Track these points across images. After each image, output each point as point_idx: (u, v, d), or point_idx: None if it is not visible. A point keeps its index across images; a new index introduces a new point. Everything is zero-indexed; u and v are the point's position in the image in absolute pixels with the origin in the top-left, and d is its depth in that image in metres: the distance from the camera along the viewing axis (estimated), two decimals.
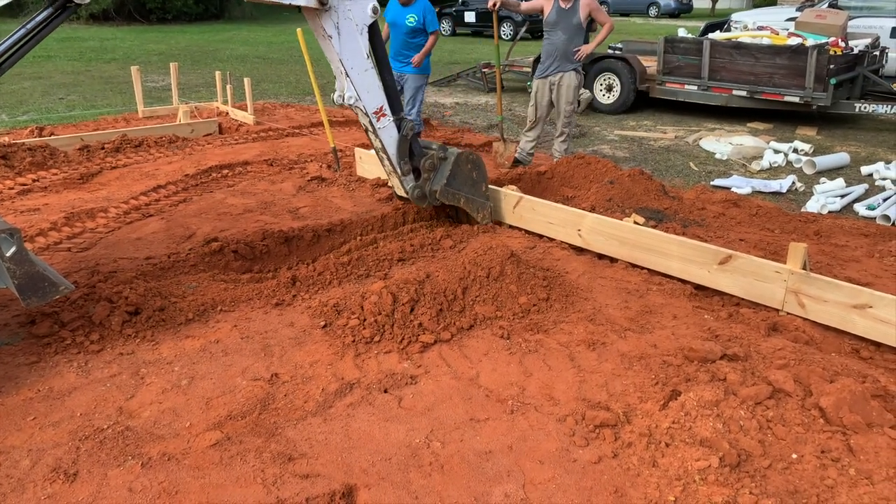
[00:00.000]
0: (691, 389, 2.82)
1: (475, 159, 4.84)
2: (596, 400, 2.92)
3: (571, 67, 6.43)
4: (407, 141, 4.51)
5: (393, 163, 4.49)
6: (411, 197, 4.63)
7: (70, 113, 9.84)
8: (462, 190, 4.76)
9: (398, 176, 4.55)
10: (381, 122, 4.31)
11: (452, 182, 4.70)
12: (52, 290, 2.99)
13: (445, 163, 4.69)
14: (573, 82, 6.45)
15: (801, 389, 2.88)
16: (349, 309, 3.53)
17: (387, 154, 4.45)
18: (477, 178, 4.86)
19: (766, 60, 9.18)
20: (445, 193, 4.68)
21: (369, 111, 4.23)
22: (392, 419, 2.74)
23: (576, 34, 6.36)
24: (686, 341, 3.33)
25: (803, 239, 5.11)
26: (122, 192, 5.54)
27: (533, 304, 3.71)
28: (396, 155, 4.47)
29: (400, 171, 4.52)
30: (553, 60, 6.51)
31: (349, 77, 4.08)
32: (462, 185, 4.77)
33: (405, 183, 4.59)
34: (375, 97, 4.24)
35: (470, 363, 3.19)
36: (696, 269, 4.16)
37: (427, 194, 4.66)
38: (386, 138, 4.39)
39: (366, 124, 4.34)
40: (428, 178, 4.63)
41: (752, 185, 6.67)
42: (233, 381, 2.98)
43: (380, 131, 4.33)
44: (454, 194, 4.74)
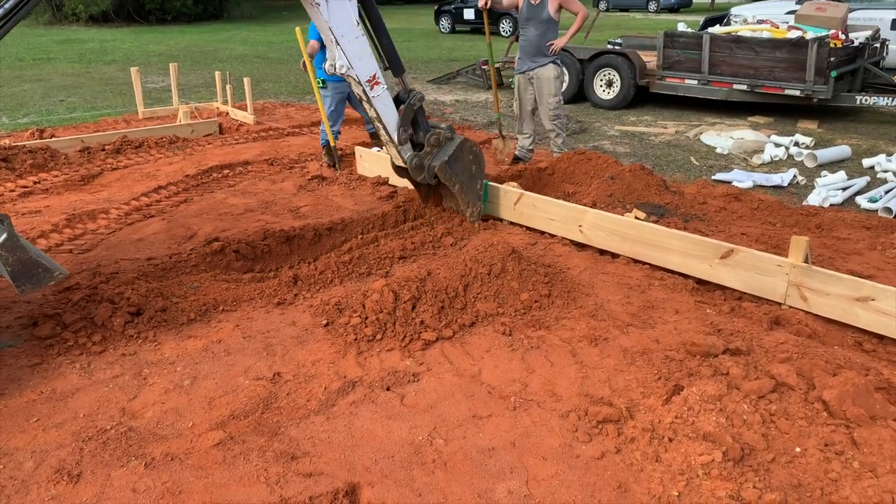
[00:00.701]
0: (694, 384, 2.82)
1: (478, 152, 4.82)
2: (598, 395, 2.92)
3: (548, 61, 6.41)
4: (412, 110, 4.47)
5: (389, 131, 4.41)
6: (409, 166, 4.56)
7: (71, 115, 9.85)
8: (459, 176, 4.71)
9: (395, 145, 4.48)
10: (374, 90, 4.23)
11: (453, 164, 4.64)
12: (46, 276, 2.98)
13: (451, 143, 4.66)
14: (551, 74, 6.44)
15: (804, 383, 2.87)
16: (351, 307, 3.53)
17: (382, 123, 4.37)
18: (475, 171, 4.83)
19: (766, 54, 9.15)
20: (444, 171, 4.60)
21: (362, 79, 4.16)
22: (395, 417, 2.74)
23: (548, 28, 6.34)
24: (688, 336, 3.33)
25: (805, 232, 5.10)
26: (123, 193, 5.54)
27: (535, 300, 3.71)
28: (394, 123, 4.39)
29: (397, 139, 4.45)
30: (528, 55, 6.50)
31: (339, 45, 4.02)
32: (461, 172, 4.71)
33: (403, 152, 4.52)
34: (368, 65, 4.17)
35: (472, 360, 3.19)
36: (697, 263, 4.15)
37: (426, 167, 4.59)
38: (380, 107, 4.31)
39: (359, 93, 4.27)
40: (430, 153, 4.58)
41: (754, 179, 6.66)
42: (235, 381, 2.98)
43: (374, 100, 4.26)
44: (452, 176, 4.67)
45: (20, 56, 16.82)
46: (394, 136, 4.44)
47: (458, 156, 4.67)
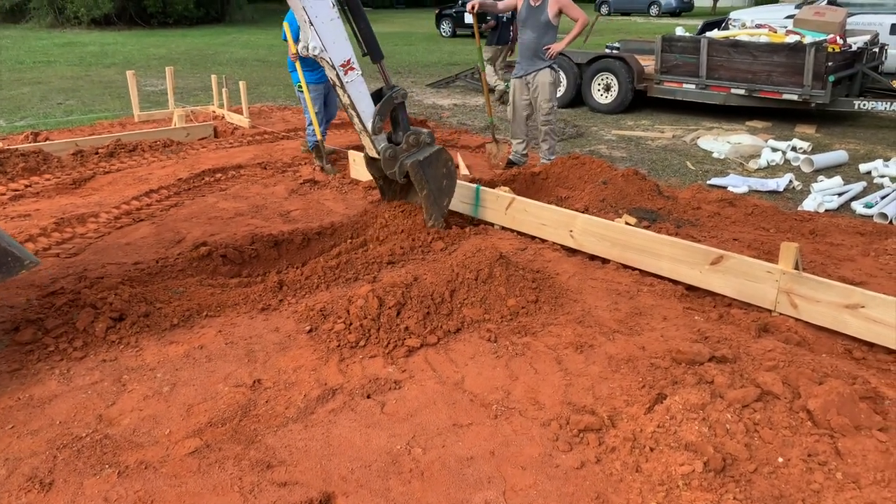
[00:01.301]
0: (677, 392, 2.78)
1: (452, 169, 4.77)
2: (581, 404, 2.88)
3: (545, 65, 6.38)
4: (392, 103, 4.42)
5: (363, 119, 4.31)
6: (382, 157, 4.47)
7: (68, 118, 9.84)
8: (430, 183, 4.60)
9: (368, 134, 4.39)
10: (348, 75, 4.15)
11: (426, 168, 4.56)
12: (16, 265, 2.95)
13: (429, 147, 4.62)
14: (547, 79, 6.40)
15: (790, 391, 2.84)
16: (335, 313, 3.50)
17: (356, 110, 4.28)
18: (445, 186, 4.74)
19: (764, 58, 9.12)
20: (416, 171, 4.49)
21: (336, 63, 4.08)
22: (374, 425, 2.71)
23: (545, 32, 6.31)
24: (675, 343, 3.29)
25: (798, 238, 5.07)
26: (115, 197, 5.52)
27: (521, 306, 3.68)
28: (369, 111, 4.31)
29: (371, 128, 4.36)
30: (525, 59, 6.48)
31: (313, 26, 3.96)
32: (432, 179, 4.61)
33: (376, 142, 4.42)
34: (342, 49, 4.09)
35: (455, 367, 3.15)
36: (687, 269, 4.12)
37: (399, 161, 4.50)
38: (354, 93, 4.22)
39: (332, 78, 4.18)
40: (406, 151, 4.51)
41: (749, 184, 6.62)
42: (215, 388, 2.96)
43: (348, 85, 4.17)
44: (423, 180, 4.55)
45: (20, 59, 16.85)
46: (367, 124, 4.34)
47: (433, 162, 4.61)
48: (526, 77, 6.59)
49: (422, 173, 4.53)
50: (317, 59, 4.06)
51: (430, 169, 4.58)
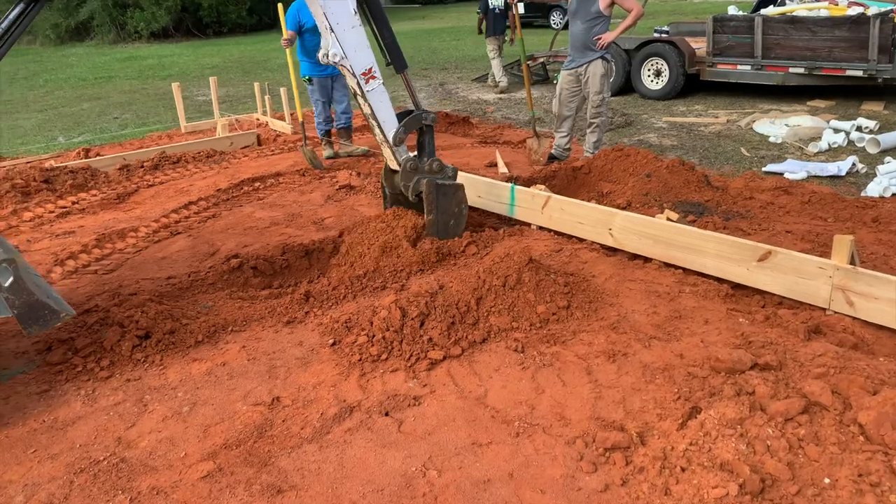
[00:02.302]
0: (713, 406, 2.58)
1: (464, 213, 4.55)
2: (611, 419, 2.72)
3: (596, 56, 6.15)
4: (420, 122, 4.32)
5: (384, 129, 4.19)
6: (402, 167, 4.33)
7: (122, 132, 10.12)
8: (438, 210, 4.40)
9: (389, 145, 4.26)
10: (370, 84, 4.05)
11: (441, 195, 4.39)
12: (52, 317, 3.00)
13: (450, 179, 4.46)
14: (599, 71, 6.17)
15: (840, 402, 2.60)
16: (359, 325, 3.42)
17: (377, 120, 4.16)
18: (451, 225, 4.50)
19: (824, 34, 8.63)
20: (430, 191, 4.31)
21: (357, 72, 3.98)
22: (390, 445, 2.61)
23: (596, 22, 6.06)
24: (715, 349, 3.08)
25: (860, 227, 4.73)
26: (155, 211, 5.60)
27: (552, 312, 3.52)
28: (391, 121, 4.19)
29: (392, 139, 4.24)
30: (575, 51, 6.26)
31: (334, 33, 3.87)
32: (441, 209, 4.41)
33: (397, 153, 4.31)
34: (364, 57, 3.99)
35: (479, 380, 3.03)
36: (733, 267, 3.88)
37: (418, 175, 4.34)
38: (375, 102, 4.11)
39: (353, 87, 4.09)
40: (429, 170, 4.37)
41: (808, 169, 6.25)
42: (233, 407, 2.91)
43: (368, 94, 4.06)
44: (434, 203, 4.36)
45: (83, 76, 17.49)
46: (389, 135, 4.22)
47: (448, 193, 4.42)
48: (577, 69, 6.37)
49: (435, 196, 4.36)
50: (337, 66, 3.99)
51: (443, 198, 4.41)
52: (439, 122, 8.69)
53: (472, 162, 6.78)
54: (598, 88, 6.29)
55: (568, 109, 6.55)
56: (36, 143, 9.60)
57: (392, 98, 4.39)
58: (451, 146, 7.63)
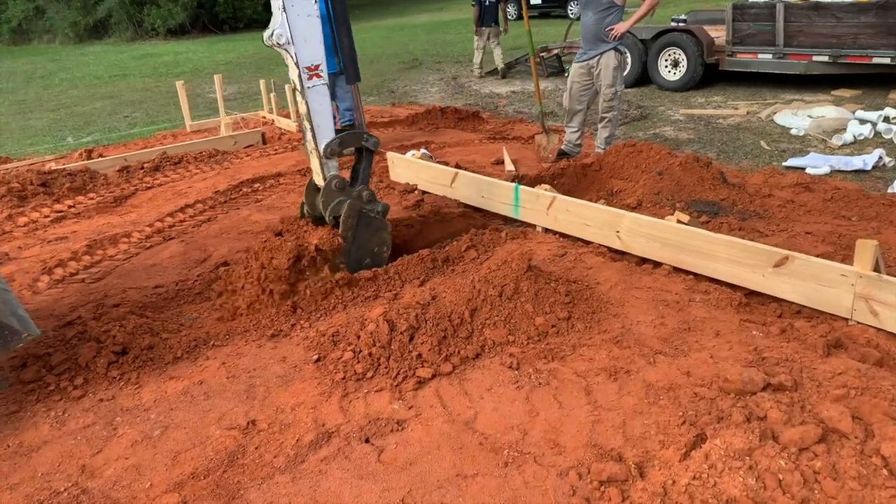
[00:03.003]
0: (720, 434, 2.36)
1: (382, 258, 4.07)
2: (609, 446, 2.50)
3: (609, 47, 5.89)
4: (359, 141, 3.98)
5: (316, 135, 3.80)
6: (328, 184, 3.86)
7: (131, 130, 10.03)
8: (356, 242, 3.95)
9: (319, 156, 3.85)
10: (312, 80, 3.72)
11: (362, 227, 3.95)
12: (14, 338, 2.85)
13: (379, 215, 4.02)
14: (611, 63, 5.91)
15: (861, 430, 2.36)
16: (346, 339, 3.23)
17: (311, 123, 3.77)
18: (371, 262, 4.01)
19: (849, 20, 8.28)
20: (350, 217, 3.87)
21: (301, 63, 3.65)
22: (367, 476, 2.42)
23: (608, 12, 5.81)
24: (725, 366, 2.84)
25: (886, 226, 4.44)
26: (151, 214, 5.45)
27: (551, 325, 3.30)
28: (327, 127, 3.82)
29: (323, 149, 3.83)
30: (587, 42, 6.01)
31: (285, 13, 3.55)
32: (359, 242, 3.96)
33: (326, 167, 3.88)
34: (313, 51, 3.68)
35: (469, 402, 2.82)
36: (747, 273, 3.63)
37: (344, 197, 3.89)
38: (314, 103, 3.75)
39: (294, 80, 3.73)
40: (357, 196, 3.93)
41: (831, 163, 5.95)
42: (206, 431, 2.74)
43: (308, 91, 3.71)
44: (349, 230, 3.90)
45: (98, 74, 17.49)
46: (321, 143, 3.82)
47: (371, 229, 3.99)
48: (589, 61, 6.13)
49: (354, 224, 3.92)
50: (279, 49, 3.64)
51: (364, 230, 3.98)
52: (448, 117, 8.51)
53: (478, 159, 6.56)
54: (610, 81, 6.04)
55: (579, 103, 6.30)
56: (44, 144, 9.54)
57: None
58: (458, 142, 7.40)
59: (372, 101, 10.97)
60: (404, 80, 13.15)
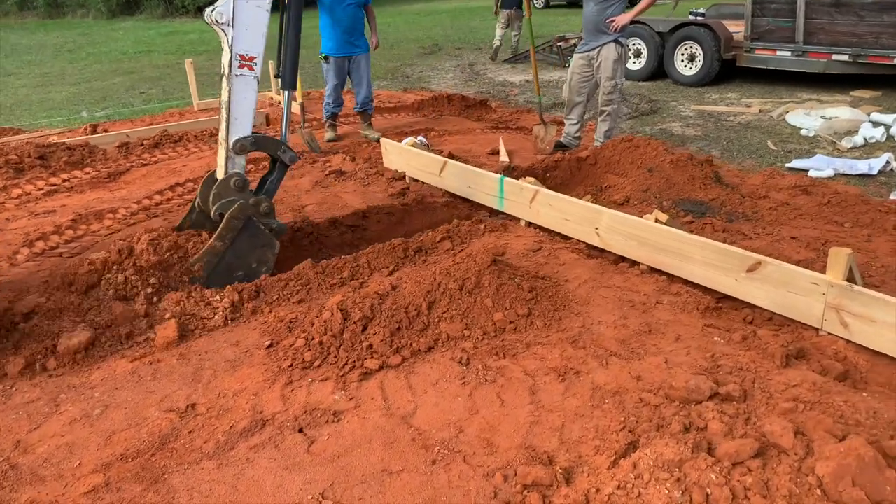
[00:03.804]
0: (652, 443, 2.28)
1: (260, 272, 3.82)
2: (542, 449, 2.44)
3: (609, 39, 5.76)
4: (275, 149, 3.89)
5: (230, 127, 3.66)
6: (227, 179, 3.74)
7: (144, 106, 10.09)
8: (234, 246, 3.73)
9: (227, 149, 3.70)
10: (242, 70, 3.60)
11: (249, 236, 3.76)
12: None
13: (269, 231, 3.85)
14: (611, 55, 5.78)
15: (803, 446, 2.27)
16: (302, 326, 3.21)
17: (228, 112, 3.65)
18: (236, 276, 3.75)
19: (871, 18, 8.01)
20: (233, 221, 3.69)
21: (235, 49, 3.55)
22: (293, 467, 2.39)
23: (610, 3, 5.68)
24: (678, 372, 2.77)
25: (879, 234, 4.29)
26: (141, 191, 5.47)
27: (510, 321, 3.24)
28: (244, 121, 3.69)
29: (233, 143, 3.69)
30: (588, 33, 5.89)
31: None
32: (236, 248, 3.74)
33: (231, 163, 3.74)
34: (252, 41, 3.58)
35: (412, 396, 2.78)
36: (721, 276, 3.53)
37: (238, 197, 3.74)
38: (237, 93, 3.62)
39: (224, 64, 3.62)
40: (254, 204, 3.79)
41: (836, 166, 5.77)
42: (145, 413, 2.73)
43: (235, 79, 3.59)
44: (227, 234, 3.68)
45: (124, 50, 17.63)
46: (233, 136, 3.68)
47: (256, 240, 3.79)
48: (589, 53, 6.01)
49: (238, 228, 3.73)
50: (216, 28, 3.55)
51: (247, 240, 3.77)
52: (454, 104, 8.43)
53: (475, 149, 6.48)
54: (610, 74, 5.91)
55: (579, 95, 6.19)
56: (59, 117, 9.64)
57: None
58: (459, 131, 7.32)
59: (385, 86, 10.90)
60: (421, 65, 13.05)
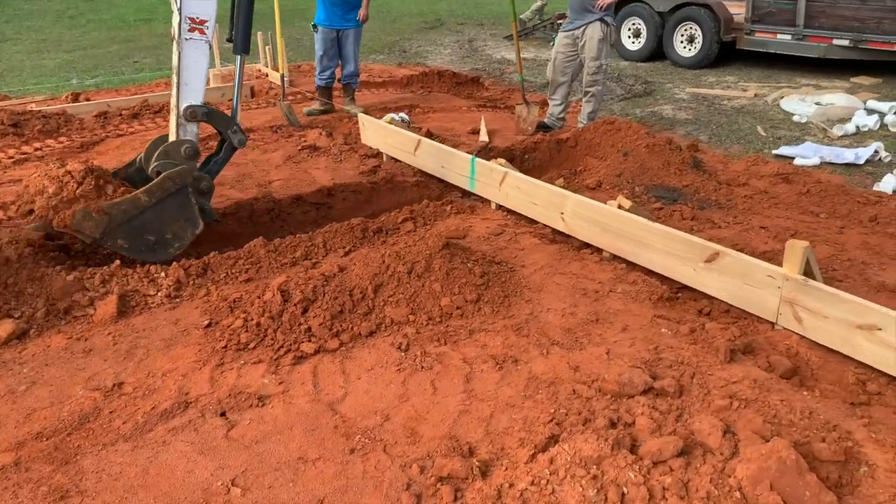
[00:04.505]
0: (573, 437, 2.21)
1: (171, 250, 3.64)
2: (466, 439, 2.37)
3: (595, 18, 5.61)
4: (225, 126, 3.86)
5: (180, 94, 3.59)
6: (178, 143, 3.68)
7: (136, 75, 9.97)
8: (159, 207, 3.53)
9: (177, 116, 3.64)
10: (192, 34, 3.51)
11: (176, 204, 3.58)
12: None
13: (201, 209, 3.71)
14: (596, 35, 5.64)
15: (730, 446, 2.20)
16: (243, 306, 3.14)
17: (179, 78, 3.55)
18: (158, 242, 3.58)
19: (873, 2, 7.82)
20: (165, 184, 3.54)
21: (184, 11, 3.46)
22: (208, 451, 2.33)
23: None
24: (617, 365, 2.69)
25: (853, 226, 4.18)
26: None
27: (457, 306, 3.16)
28: (196, 88, 3.62)
29: (182, 111, 3.63)
30: (573, 12, 5.74)
31: None
32: (158, 215, 3.54)
33: (182, 129, 3.68)
34: (204, 4, 3.51)
35: (344, 381, 2.71)
36: (680, 266, 3.43)
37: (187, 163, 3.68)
38: (187, 58, 3.53)
39: (174, 26, 3.52)
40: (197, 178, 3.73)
41: (822, 154, 5.62)
42: (71, 390, 2.68)
43: (184, 43, 3.50)
44: (154, 195, 3.51)
45: (124, 17, 17.46)
46: (183, 102, 3.61)
47: (183, 213, 3.62)
48: (574, 31, 5.87)
49: (167, 190, 3.56)
50: None
51: (173, 206, 3.58)
52: (445, 81, 8.29)
53: (457, 127, 6.36)
54: (594, 54, 5.77)
55: (563, 75, 6.05)
56: (49, 84, 9.55)
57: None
58: (445, 108, 7.20)
59: (381, 60, 10.75)
60: (420, 40, 12.86)
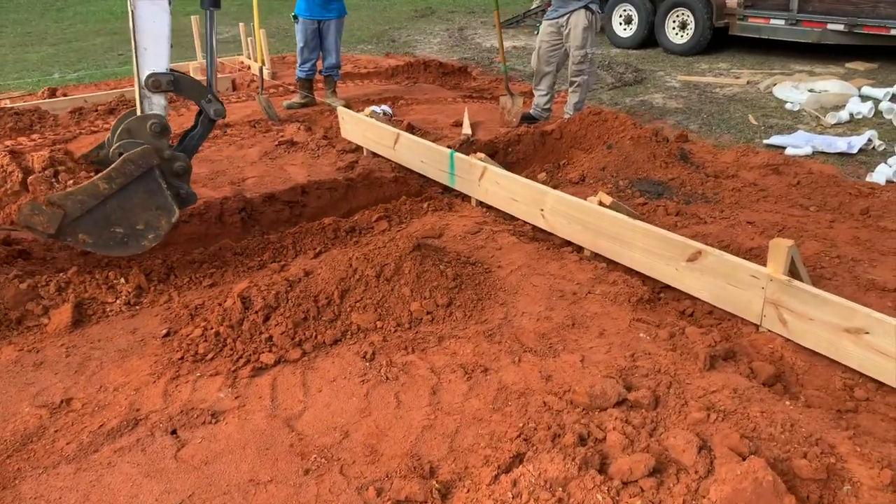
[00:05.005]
0: (538, 456, 2.08)
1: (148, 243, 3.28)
2: (428, 458, 2.24)
3: (579, 6, 5.45)
4: (200, 96, 3.45)
5: (139, 61, 3.18)
6: (144, 118, 3.24)
7: (119, 69, 9.80)
8: (123, 195, 3.15)
9: (140, 89, 3.23)
10: None
11: (143, 189, 3.18)
12: None
13: (177, 196, 3.32)
14: (581, 23, 5.47)
15: (704, 464, 2.07)
16: (204, 314, 3.01)
17: (136, 43, 3.16)
18: (128, 235, 3.22)
19: None
20: (133, 160, 3.13)
21: None
22: (155, 474, 2.20)
23: None
24: (591, 374, 2.56)
25: (844, 219, 4.04)
26: None
27: (427, 311, 3.02)
28: (155, 53, 3.20)
29: (144, 80, 3.21)
30: (557, 0, 5.57)
31: None
32: (130, 201, 3.18)
33: (147, 102, 3.27)
34: None
35: (303, 395, 2.58)
36: (662, 265, 3.30)
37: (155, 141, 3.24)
38: (142, 19, 3.13)
39: None
40: (168, 159, 3.30)
41: (814, 143, 5.47)
42: (17, 407, 2.54)
43: (139, 3, 3.12)
44: (118, 177, 3.12)
45: (112, 10, 17.21)
46: (144, 70, 3.18)
47: (153, 199, 3.22)
48: (558, 20, 5.71)
49: (128, 175, 3.15)
50: None
51: (139, 192, 3.19)
52: (431, 71, 8.12)
53: (440, 119, 6.20)
54: (579, 43, 5.61)
55: (548, 65, 5.89)
56: (31, 78, 9.38)
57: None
58: (430, 100, 7.03)
59: (368, 50, 10.58)
60: (410, 29, 12.66)
